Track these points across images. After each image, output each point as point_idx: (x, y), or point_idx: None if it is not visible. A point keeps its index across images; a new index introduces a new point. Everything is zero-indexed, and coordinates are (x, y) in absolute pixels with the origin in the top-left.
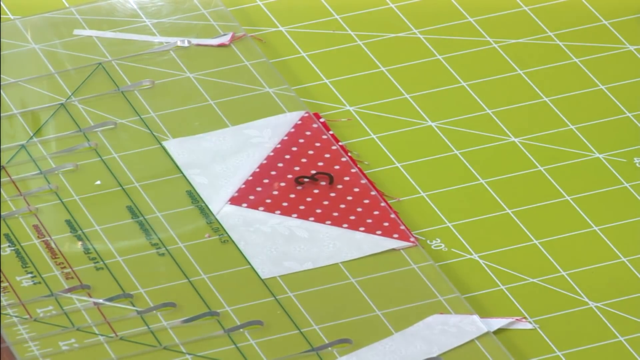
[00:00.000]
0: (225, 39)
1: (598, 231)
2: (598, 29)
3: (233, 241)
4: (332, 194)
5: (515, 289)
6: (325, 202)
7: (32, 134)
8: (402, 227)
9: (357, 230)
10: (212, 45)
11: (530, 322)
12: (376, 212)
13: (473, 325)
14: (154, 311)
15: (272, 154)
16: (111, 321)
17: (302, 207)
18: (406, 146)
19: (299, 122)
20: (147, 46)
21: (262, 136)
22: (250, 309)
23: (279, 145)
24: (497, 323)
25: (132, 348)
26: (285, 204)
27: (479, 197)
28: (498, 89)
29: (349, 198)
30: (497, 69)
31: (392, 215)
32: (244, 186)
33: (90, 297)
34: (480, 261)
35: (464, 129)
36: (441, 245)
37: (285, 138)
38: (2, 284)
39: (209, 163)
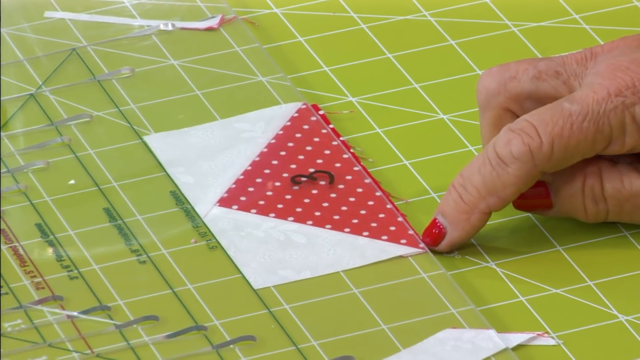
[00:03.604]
0: (213, 22)
1: (629, 236)
2: (629, 11)
3: (222, 247)
4: (333, 195)
5: (537, 301)
6: (325, 204)
7: None
8: (411, 232)
9: (361, 235)
10: (198, 29)
11: (553, 338)
12: (382, 215)
13: (489, 341)
14: (135, 325)
15: (265, 150)
16: (86, 336)
17: (299, 210)
18: (415, 141)
19: (296, 114)
20: (126, 30)
21: (255, 130)
22: (242, 323)
23: (273, 141)
24: (516, 338)
25: None
26: (280, 205)
27: None
28: None
29: (352, 199)
30: (517, 56)
31: (400, 219)
32: (234, 186)
33: (64, 309)
34: (498, 269)
35: (478, 122)
36: (454, 252)
37: (281, 132)
38: None
39: (195, 160)
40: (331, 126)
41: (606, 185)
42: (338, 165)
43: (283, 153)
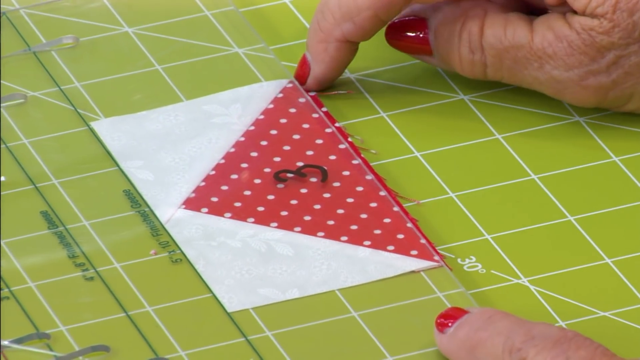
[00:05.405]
0: None
1: None
2: None
3: (189, 260)
4: (326, 195)
5: (580, 326)
6: (317, 207)
7: None
8: (423, 241)
9: (361, 245)
10: None
11: None
12: (387, 220)
13: None
14: (80, 357)
15: (242, 139)
16: None
17: (284, 214)
18: (429, 128)
19: (280, 95)
20: None
21: (229, 114)
22: (213, 354)
23: (252, 127)
24: None
25: None
26: (261, 208)
27: (529, 199)
28: None
29: (350, 200)
30: None
31: (410, 225)
32: (203, 184)
33: None
34: (531, 287)
35: (508, 104)
36: (477, 266)
37: (261, 117)
38: None
39: (155, 152)
40: (324, 109)
41: (486, 32)
42: (333, 158)
43: (264, 143)
